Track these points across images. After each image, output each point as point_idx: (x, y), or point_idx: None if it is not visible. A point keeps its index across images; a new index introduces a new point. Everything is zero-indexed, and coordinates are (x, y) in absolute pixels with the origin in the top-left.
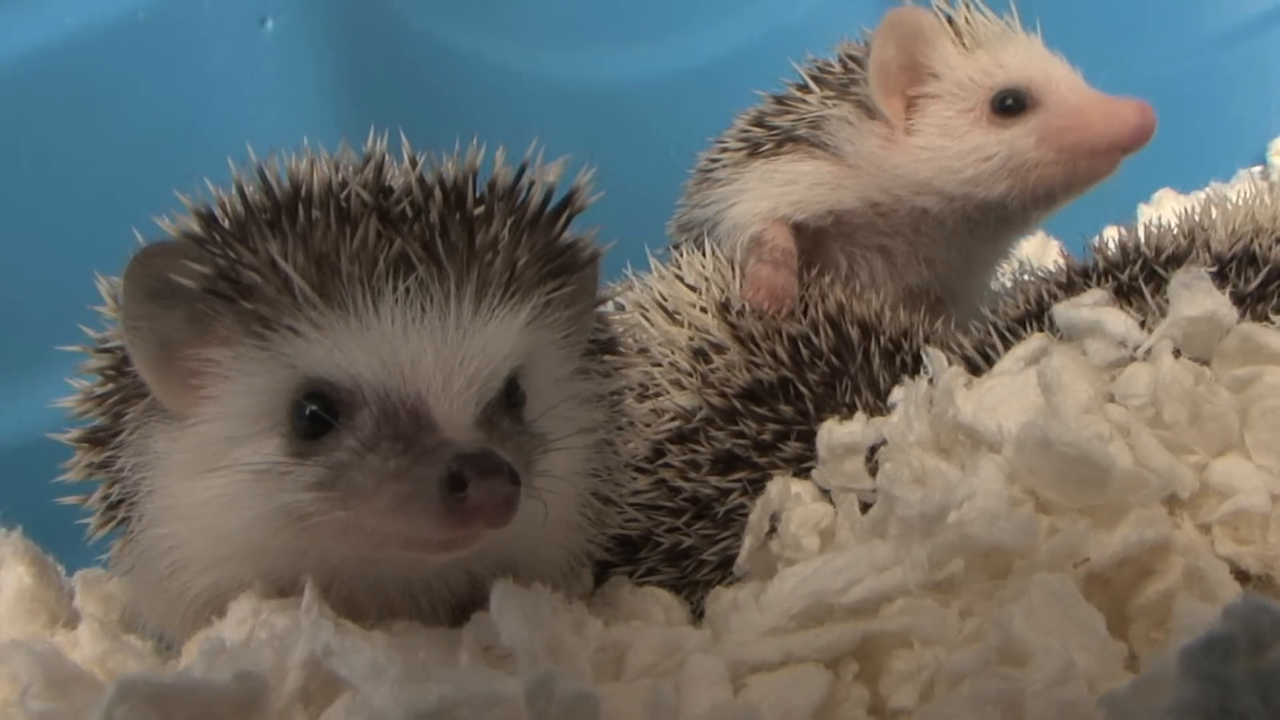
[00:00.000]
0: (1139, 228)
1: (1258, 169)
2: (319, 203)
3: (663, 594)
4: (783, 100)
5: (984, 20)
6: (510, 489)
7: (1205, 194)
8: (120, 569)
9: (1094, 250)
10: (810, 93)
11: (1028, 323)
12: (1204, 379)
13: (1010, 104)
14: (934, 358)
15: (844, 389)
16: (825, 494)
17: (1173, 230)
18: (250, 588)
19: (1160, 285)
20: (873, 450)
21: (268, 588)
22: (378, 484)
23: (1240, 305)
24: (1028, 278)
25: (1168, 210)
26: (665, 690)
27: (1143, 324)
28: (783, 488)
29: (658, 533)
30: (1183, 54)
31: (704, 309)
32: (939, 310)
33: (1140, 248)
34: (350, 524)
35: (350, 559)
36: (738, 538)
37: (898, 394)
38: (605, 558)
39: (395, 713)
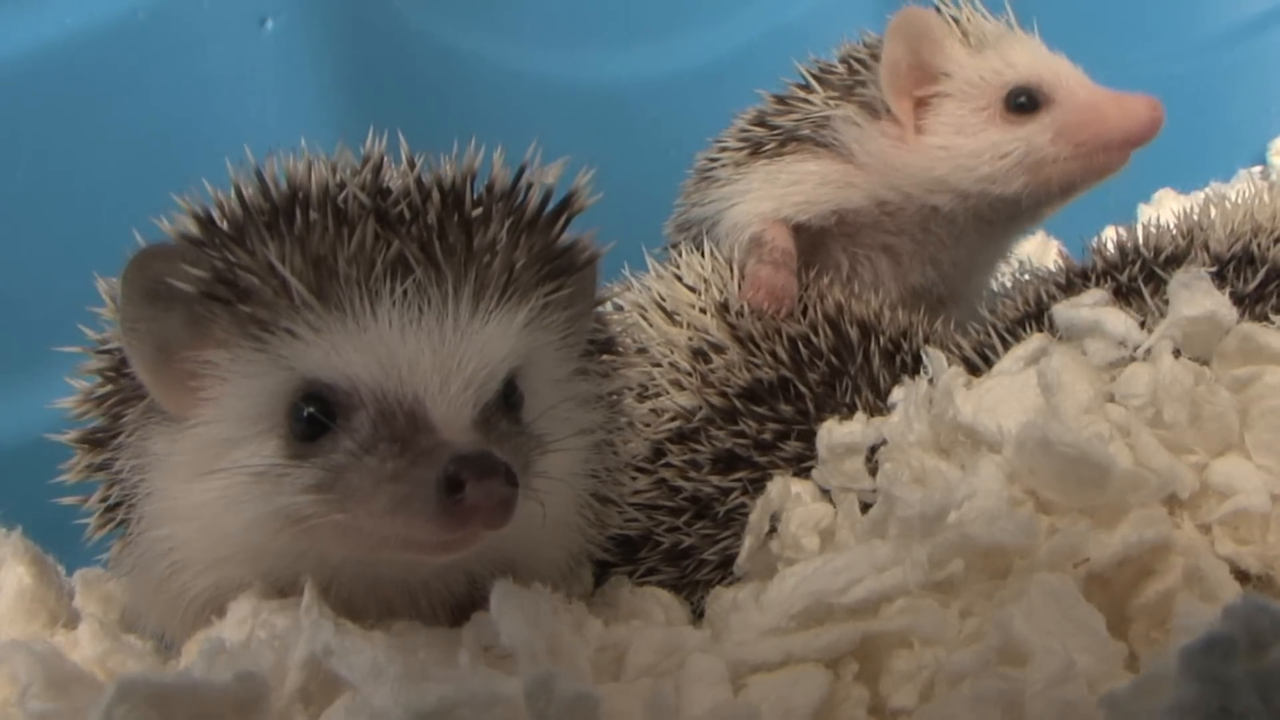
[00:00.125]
0: (1138, 228)
1: (1258, 169)
2: (317, 204)
3: (663, 594)
4: (785, 100)
5: (987, 20)
6: (507, 490)
7: (1205, 194)
8: (120, 570)
9: (1092, 251)
10: (814, 93)
11: (1026, 324)
12: (1204, 379)
13: (1024, 102)
14: (934, 358)
15: (844, 389)
16: (825, 494)
17: (1171, 231)
18: (250, 588)
19: (1159, 286)
20: (873, 450)
21: (267, 588)
22: (375, 486)
23: (1239, 305)
24: (1027, 278)
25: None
26: (665, 690)
27: (1142, 324)
28: (783, 487)
29: (658, 532)
30: (1183, 54)
31: (703, 310)
32: (939, 311)
33: (1139, 248)
34: (348, 526)
35: (349, 560)
36: (738, 537)
37: (898, 394)
38: (605, 558)
39: (395, 713)
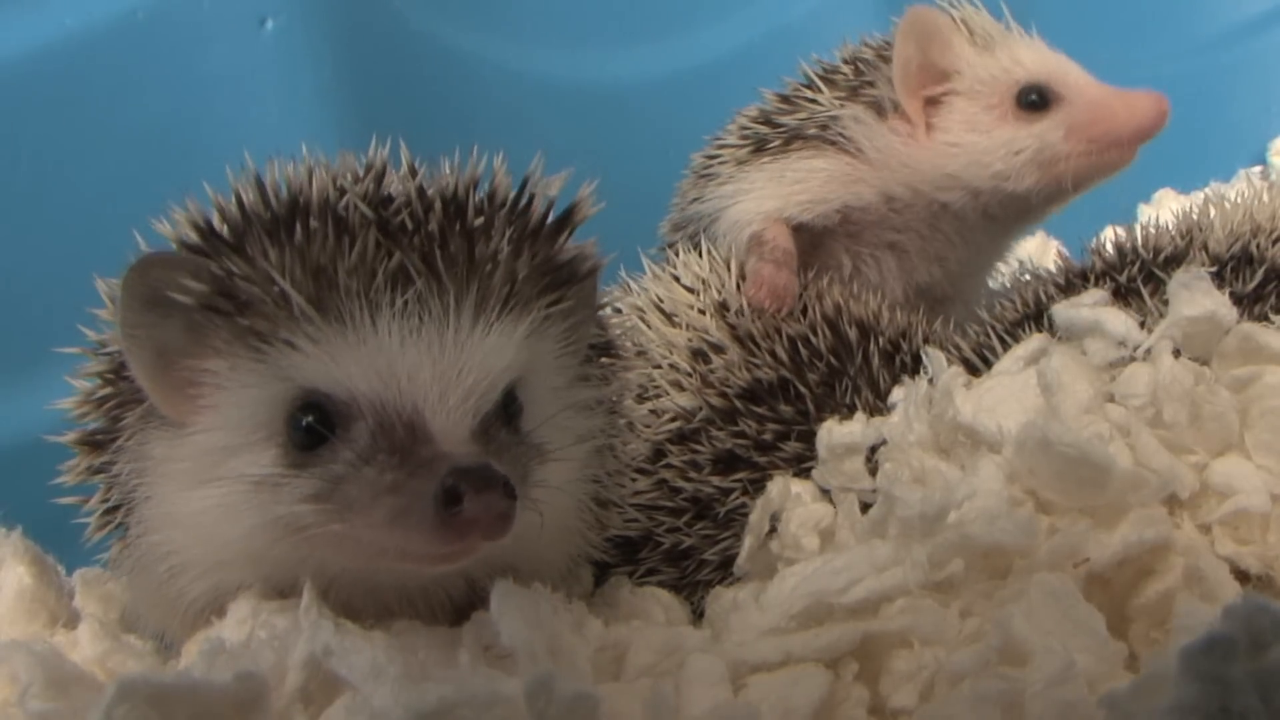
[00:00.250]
0: (1137, 229)
1: (1258, 169)
2: (317, 213)
3: (663, 594)
4: (790, 99)
5: (991, 20)
6: (506, 503)
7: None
8: (119, 571)
9: (1091, 252)
10: (819, 92)
11: (1026, 325)
12: (1204, 379)
13: (1035, 99)
14: (933, 358)
15: (844, 389)
16: (825, 494)
17: (1170, 231)
18: (250, 588)
19: (1159, 287)
20: (873, 450)
21: (267, 588)
22: (373, 497)
23: (1238, 305)
24: (1026, 279)
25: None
26: (665, 690)
27: (1142, 325)
28: (783, 488)
29: (658, 533)
30: (1183, 54)
31: (701, 310)
32: (940, 310)
33: (1138, 249)
34: (346, 536)
35: (348, 567)
36: (738, 538)
37: (897, 394)
38: (605, 559)
39: (395, 713)
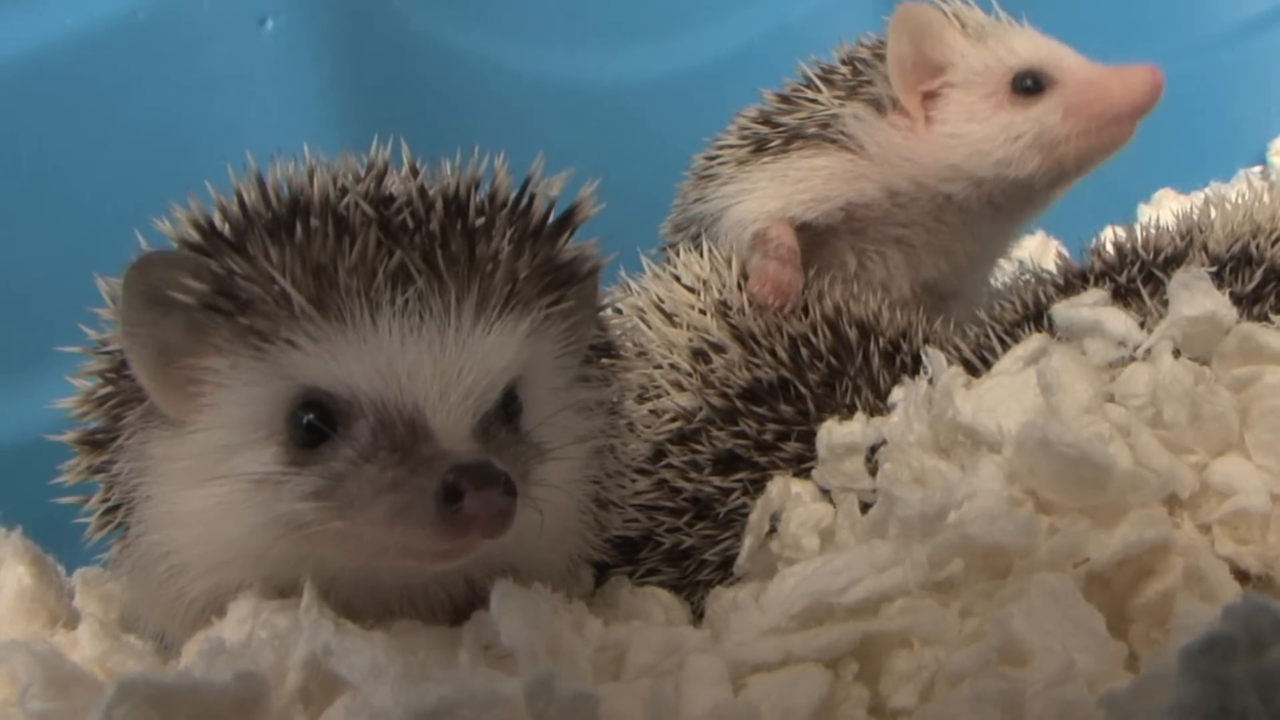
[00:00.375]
0: (1137, 229)
1: (1258, 169)
2: (318, 212)
3: (663, 594)
4: (788, 99)
5: (981, 12)
6: (506, 500)
7: (1205, 194)
8: (119, 570)
9: (1091, 253)
10: (819, 91)
11: (1025, 326)
12: (1204, 379)
13: (1030, 84)
14: (933, 358)
15: (844, 389)
16: (825, 494)
17: (1170, 232)
18: (250, 588)
19: (1158, 287)
20: (873, 450)
21: (267, 588)
22: (374, 494)
23: (1237, 305)
24: (1026, 279)
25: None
26: (665, 690)
27: (1142, 325)
28: (783, 488)
29: (659, 533)
30: (1183, 54)
31: (702, 310)
32: (943, 307)
33: (1137, 250)
34: (347, 533)
35: (349, 566)
36: (738, 538)
37: (897, 394)
38: (606, 559)
39: (395, 713)
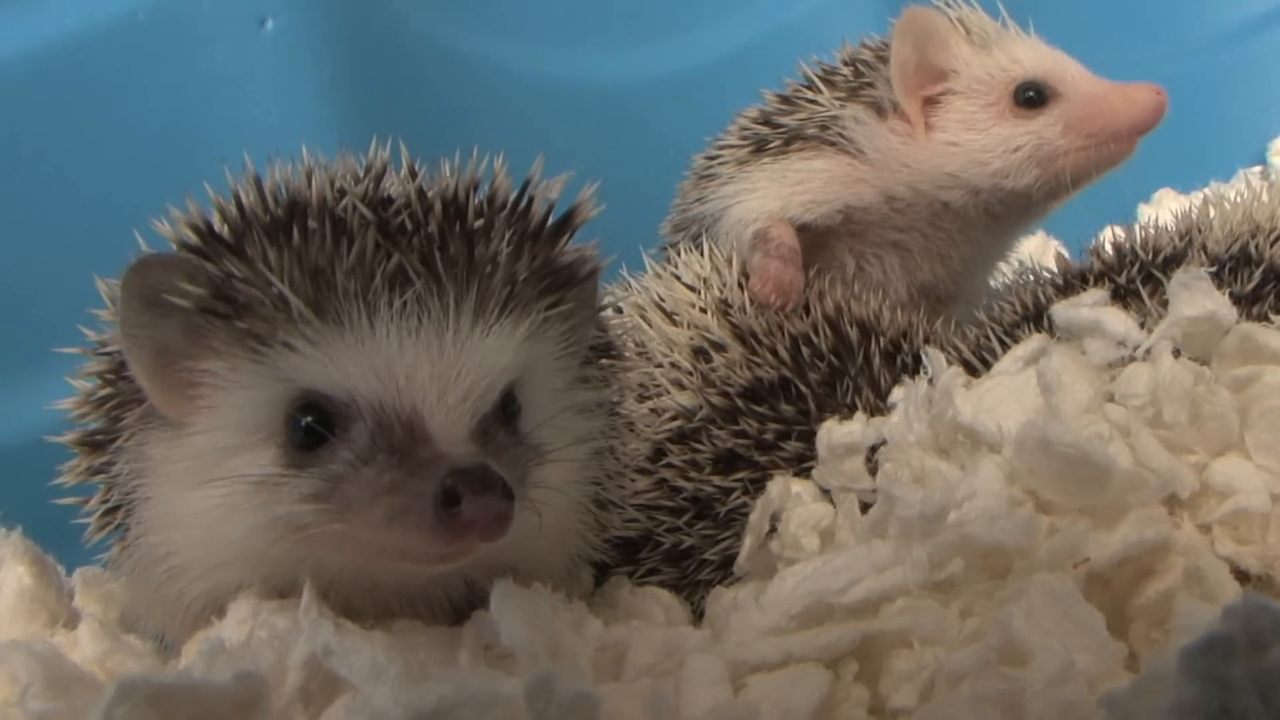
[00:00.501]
0: (1136, 229)
1: (1258, 169)
2: (316, 214)
3: (663, 594)
4: (789, 99)
5: (987, 19)
6: (504, 504)
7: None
8: (119, 571)
9: (1090, 253)
10: (819, 92)
11: (1025, 326)
12: (1204, 379)
13: (1032, 96)
14: (933, 358)
15: (844, 389)
16: (825, 494)
17: (1169, 232)
18: (249, 588)
19: (1158, 288)
20: (873, 450)
21: (267, 588)
22: (373, 497)
23: (1237, 305)
24: (1025, 280)
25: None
26: (665, 690)
27: (1142, 325)
28: (783, 487)
29: (659, 533)
30: (1183, 54)
31: (703, 309)
32: (941, 309)
33: (1137, 250)
34: (345, 535)
35: (347, 567)
36: (738, 538)
37: (898, 394)
38: (605, 558)
39: (395, 713)
